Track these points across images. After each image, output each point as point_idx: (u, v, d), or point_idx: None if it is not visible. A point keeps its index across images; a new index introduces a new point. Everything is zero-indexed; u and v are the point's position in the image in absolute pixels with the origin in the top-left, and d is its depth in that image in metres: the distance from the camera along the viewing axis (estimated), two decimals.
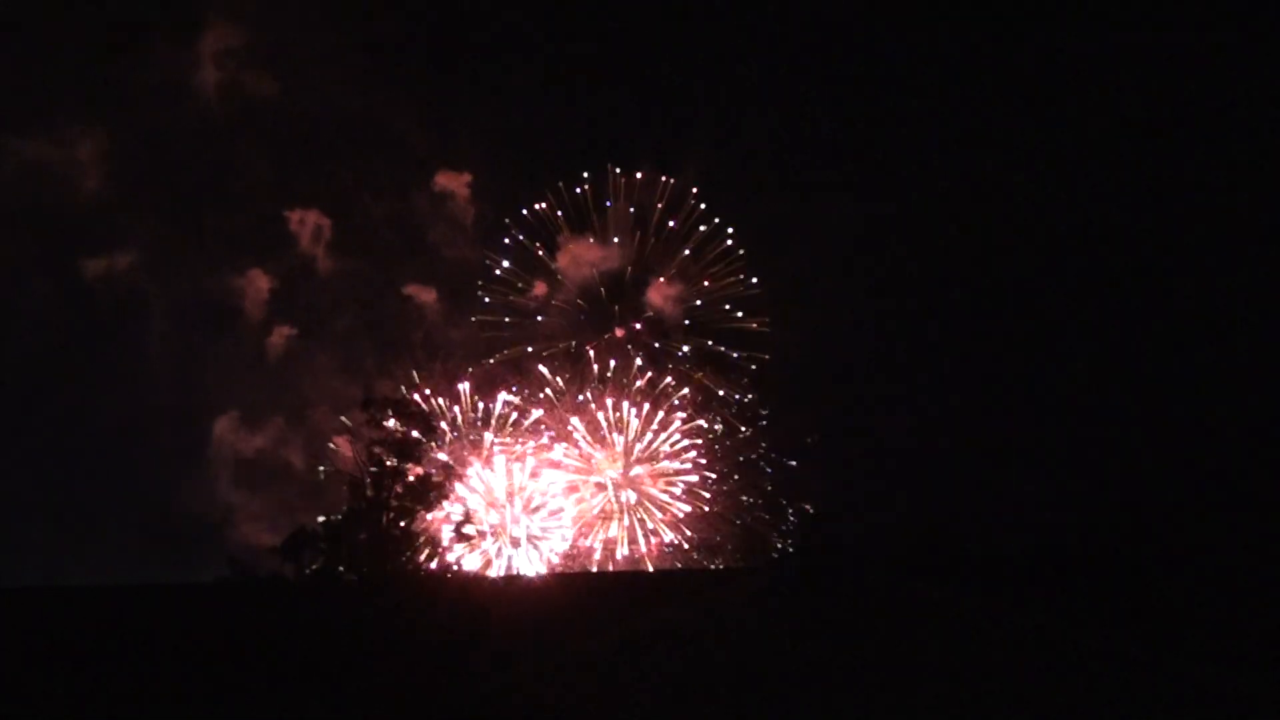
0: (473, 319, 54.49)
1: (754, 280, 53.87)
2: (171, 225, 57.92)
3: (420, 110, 61.06)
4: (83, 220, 55.19)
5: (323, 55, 57.82)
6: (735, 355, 52.84)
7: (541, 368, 52.29)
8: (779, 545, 48.16)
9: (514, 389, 51.37)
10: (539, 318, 54.47)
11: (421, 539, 31.80)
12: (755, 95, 61.37)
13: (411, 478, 32.19)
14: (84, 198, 53.01)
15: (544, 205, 55.57)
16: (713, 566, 47.69)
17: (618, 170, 54.82)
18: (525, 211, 55.86)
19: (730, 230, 54.31)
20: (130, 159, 55.70)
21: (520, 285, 55.03)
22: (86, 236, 56.37)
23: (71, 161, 52.04)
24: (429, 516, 32.35)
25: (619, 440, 50.99)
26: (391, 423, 33.16)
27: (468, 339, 54.05)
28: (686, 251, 54.87)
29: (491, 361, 52.56)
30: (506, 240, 55.75)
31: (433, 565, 31.38)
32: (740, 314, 53.61)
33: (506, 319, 54.30)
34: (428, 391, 50.59)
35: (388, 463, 31.89)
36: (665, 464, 50.48)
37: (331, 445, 51.30)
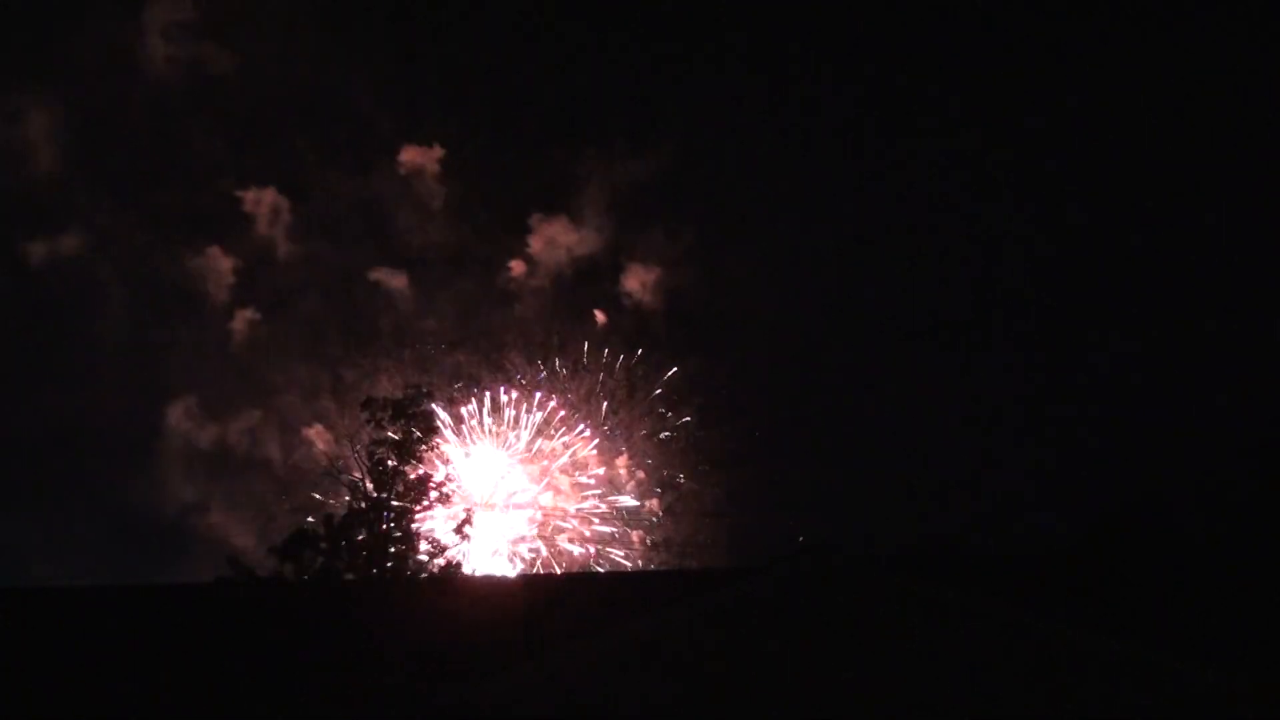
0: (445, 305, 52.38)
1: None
2: (121, 205, 54.76)
3: (384, 82, 57.91)
4: (27, 200, 52.76)
5: (279, 25, 54.84)
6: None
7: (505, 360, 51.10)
8: (775, 545, 47.77)
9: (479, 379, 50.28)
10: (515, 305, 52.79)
11: (421, 539, 31.75)
12: (740, 68, 59.68)
13: (413, 477, 32.11)
14: (27, 177, 50.66)
15: (517, 182, 53.61)
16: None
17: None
18: (497, 189, 53.91)
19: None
20: (75, 136, 52.95)
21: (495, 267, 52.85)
22: (31, 218, 53.63)
23: (12, 138, 49.82)
24: (428, 516, 32.26)
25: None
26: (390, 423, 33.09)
27: (440, 327, 52.17)
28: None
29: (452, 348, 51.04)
30: (479, 220, 53.58)
31: (433, 565, 31.35)
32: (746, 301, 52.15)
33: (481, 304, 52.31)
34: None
35: (389, 463, 31.83)
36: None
37: (311, 442, 50.20)
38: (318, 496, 46.17)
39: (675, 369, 51.70)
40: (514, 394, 50.76)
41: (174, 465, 50.07)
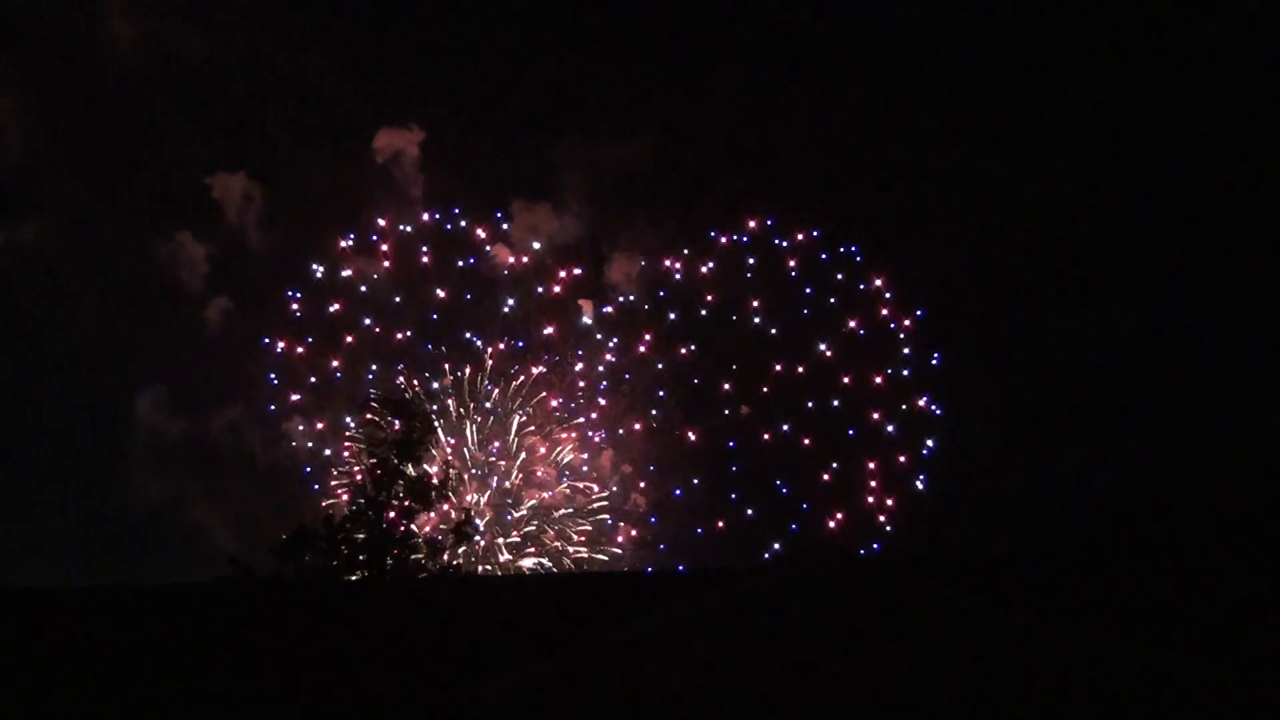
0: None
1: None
2: (86, 190, 51.80)
3: (358, 63, 55.25)
4: None
5: (246, 3, 52.28)
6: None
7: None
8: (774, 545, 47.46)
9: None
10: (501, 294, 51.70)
11: (422, 539, 31.75)
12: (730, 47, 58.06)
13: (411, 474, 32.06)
14: None
15: (496, 167, 52.23)
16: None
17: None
18: (476, 175, 52.45)
19: None
20: (36, 119, 50.06)
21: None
22: None
23: None
24: (429, 514, 32.23)
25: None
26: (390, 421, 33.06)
27: (421, 318, 50.88)
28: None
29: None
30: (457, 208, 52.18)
31: (433, 565, 31.36)
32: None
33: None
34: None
35: (391, 462, 31.80)
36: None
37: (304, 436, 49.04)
38: (290, 514, 45.60)
39: (660, 362, 51.16)
40: (499, 389, 50.39)
41: (149, 461, 48.73)
